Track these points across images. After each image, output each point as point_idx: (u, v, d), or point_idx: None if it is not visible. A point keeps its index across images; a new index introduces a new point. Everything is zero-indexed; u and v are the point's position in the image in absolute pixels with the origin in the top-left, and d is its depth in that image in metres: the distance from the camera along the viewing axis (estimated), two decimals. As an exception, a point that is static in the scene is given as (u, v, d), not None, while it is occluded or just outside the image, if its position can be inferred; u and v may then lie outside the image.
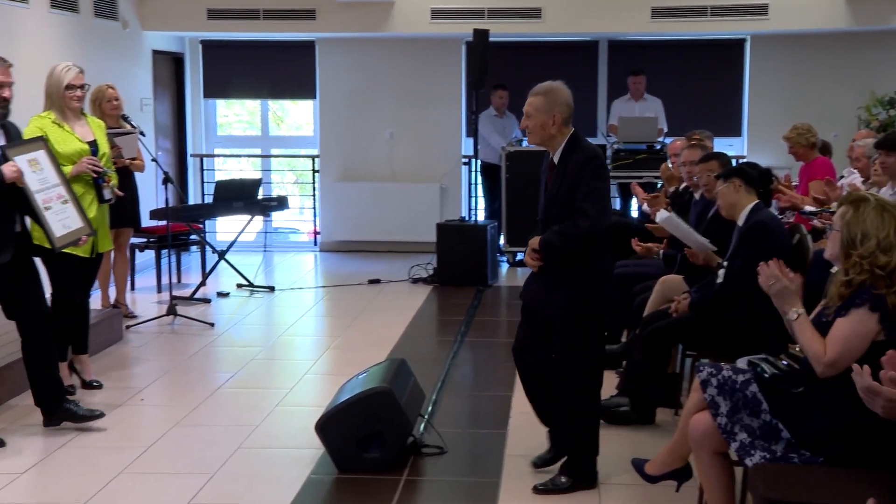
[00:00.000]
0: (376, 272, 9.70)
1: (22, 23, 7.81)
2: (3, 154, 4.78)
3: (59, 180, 5.07)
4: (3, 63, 4.87)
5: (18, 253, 4.89)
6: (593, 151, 4.23)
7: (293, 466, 4.62)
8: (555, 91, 4.30)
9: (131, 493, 4.33)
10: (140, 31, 10.11)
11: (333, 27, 10.43)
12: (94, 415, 5.07)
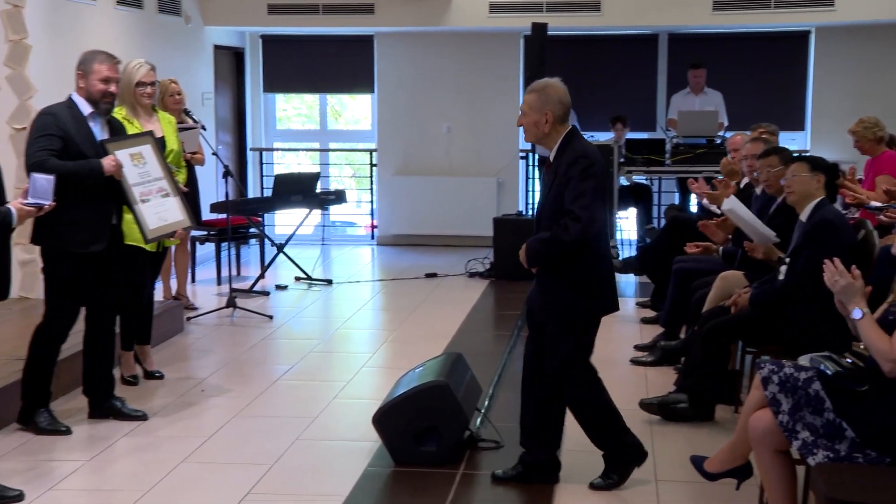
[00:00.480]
0: (433, 266, 9.72)
1: (89, 19, 7.95)
2: (104, 148, 4.88)
3: (163, 174, 5.19)
4: (110, 59, 4.95)
5: (113, 245, 4.98)
6: (582, 150, 4.09)
7: (350, 458, 4.65)
8: (548, 88, 4.15)
9: (192, 482, 4.40)
10: (202, 26, 10.24)
11: (392, 21, 10.46)
12: (137, 415, 5.15)
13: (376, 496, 4.36)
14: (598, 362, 6.25)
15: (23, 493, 4.17)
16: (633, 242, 10.60)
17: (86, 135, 4.85)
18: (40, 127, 4.77)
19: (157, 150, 5.24)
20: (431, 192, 11.09)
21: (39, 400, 4.95)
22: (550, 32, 9.43)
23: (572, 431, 5.01)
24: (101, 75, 4.85)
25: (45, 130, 4.74)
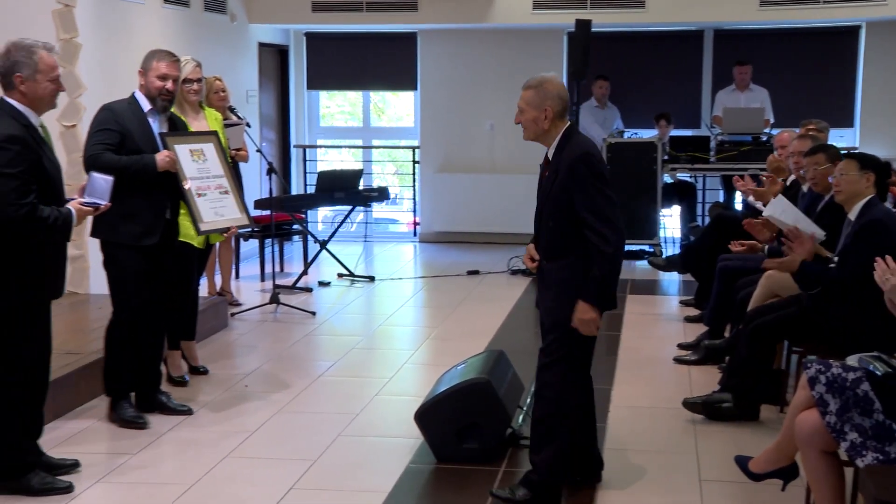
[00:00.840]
0: (475, 263, 9.71)
1: (137, 18, 8.05)
2: (164, 141, 4.94)
3: (223, 173, 5.27)
4: (169, 57, 5.00)
5: (167, 239, 5.03)
6: (583, 148, 3.97)
7: (393, 455, 4.66)
8: (546, 84, 4.02)
9: (236, 476, 4.44)
10: (247, 24, 10.32)
11: (435, 19, 10.46)
12: (182, 410, 5.19)
13: (418, 493, 4.37)
14: (642, 361, 6.30)
15: (72, 485, 4.24)
16: (676, 240, 10.52)
17: (145, 131, 4.91)
18: (99, 122, 4.85)
19: (220, 151, 5.32)
20: (474, 189, 11.08)
21: (121, 393, 5.04)
22: (594, 29, 9.39)
23: (615, 430, 4.99)
24: (159, 72, 4.91)
25: (103, 125, 4.83)
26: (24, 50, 4.02)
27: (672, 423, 5.11)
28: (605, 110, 10.54)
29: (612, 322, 7.48)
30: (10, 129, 3.93)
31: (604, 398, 5.52)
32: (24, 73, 4.00)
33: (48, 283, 4.13)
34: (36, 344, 4.15)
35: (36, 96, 4.04)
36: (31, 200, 3.91)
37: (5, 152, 3.89)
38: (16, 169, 3.89)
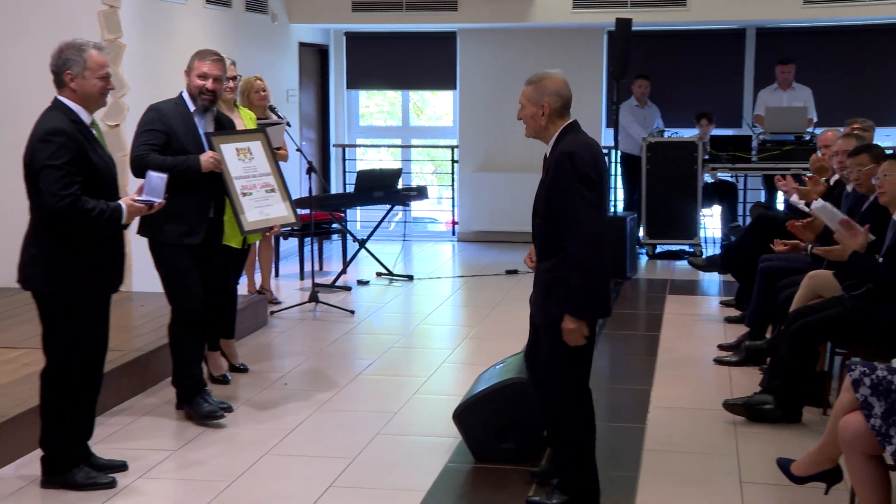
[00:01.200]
0: (514, 263, 9.69)
1: (179, 18, 8.12)
2: (209, 140, 4.97)
3: (270, 171, 5.27)
4: (211, 55, 5.03)
5: (211, 239, 5.06)
6: (570, 147, 3.84)
7: (431, 454, 4.67)
8: (546, 80, 3.93)
9: (275, 474, 4.46)
10: (287, 24, 10.38)
11: (475, 18, 10.46)
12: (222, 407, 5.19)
13: (456, 492, 4.37)
14: (682, 361, 6.25)
15: (115, 480, 4.28)
16: (716, 240, 10.44)
17: (190, 131, 4.95)
18: (144, 123, 4.91)
19: (267, 148, 5.32)
20: (512, 188, 11.05)
21: (194, 389, 5.09)
22: (635, 28, 9.34)
23: (654, 431, 4.96)
24: (199, 71, 4.95)
25: (149, 126, 4.88)
26: (75, 49, 4.10)
27: (712, 424, 5.07)
28: (645, 109, 10.48)
29: (651, 322, 7.44)
30: (55, 123, 4.01)
31: (643, 399, 5.49)
32: (74, 70, 4.07)
33: (104, 276, 4.17)
34: (92, 338, 4.20)
35: (85, 93, 4.10)
36: (74, 192, 3.95)
37: (49, 145, 3.96)
38: (59, 161, 3.95)
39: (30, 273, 4.10)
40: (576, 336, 3.83)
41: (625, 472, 4.47)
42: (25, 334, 5.99)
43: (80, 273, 4.06)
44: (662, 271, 9.53)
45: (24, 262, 4.13)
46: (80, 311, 4.11)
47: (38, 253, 4.07)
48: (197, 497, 4.19)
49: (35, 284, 4.10)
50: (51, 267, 4.05)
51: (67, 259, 4.04)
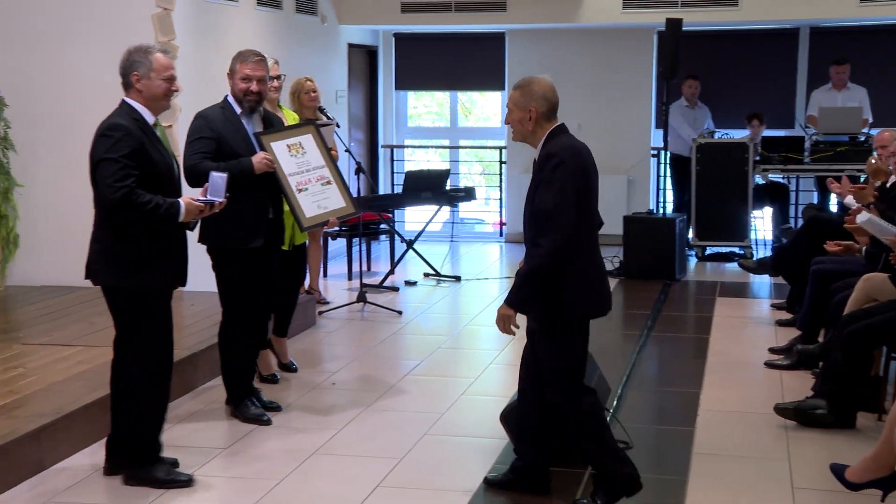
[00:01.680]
0: (561, 264, 9.65)
1: (231, 19, 8.21)
2: (259, 140, 4.97)
3: (324, 162, 5.23)
4: (253, 57, 5.00)
5: (270, 240, 5.06)
6: (552, 149, 3.84)
7: (478, 455, 4.66)
8: (533, 84, 3.92)
9: (323, 473, 4.49)
10: (337, 25, 10.44)
11: (524, 19, 10.44)
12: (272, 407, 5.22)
13: (503, 494, 4.35)
14: (732, 364, 6.18)
15: (192, 477, 4.34)
16: (767, 242, 10.31)
17: (239, 133, 4.95)
18: (193, 131, 4.92)
19: (318, 140, 5.26)
20: (561, 189, 11.00)
21: (243, 392, 5.14)
22: (685, 28, 9.26)
23: (704, 435, 4.91)
24: (241, 74, 4.96)
25: (198, 134, 4.88)
26: (142, 51, 4.18)
27: (763, 428, 5.01)
28: (695, 110, 10.38)
29: (700, 324, 7.37)
30: (115, 119, 4.10)
31: (692, 402, 5.44)
32: (140, 72, 4.15)
33: (164, 272, 4.21)
34: (161, 334, 4.26)
35: (151, 94, 4.17)
36: (129, 184, 4.00)
37: (108, 139, 4.04)
38: (117, 154, 4.01)
39: (95, 268, 4.19)
40: (502, 322, 3.87)
41: (673, 475, 4.43)
42: (79, 332, 6.10)
43: (139, 267, 4.12)
44: (712, 273, 9.43)
45: (90, 257, 4.22)
46: (143, 306, 4.17)
47: (101, 248, 4.16)
48: (245, 496, 4.22)
49: (100, 279, 4.20)
50: (112, 261, 4.13)
51: (126, 253, 4.11)
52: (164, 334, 4.29)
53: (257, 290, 5.08)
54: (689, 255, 9.85)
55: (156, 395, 4.30)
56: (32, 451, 4.35)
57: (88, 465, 4.49)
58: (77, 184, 7.44)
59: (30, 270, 7.59)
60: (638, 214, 9.54)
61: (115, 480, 4.34)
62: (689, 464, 4.54)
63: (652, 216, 9.45)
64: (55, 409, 4.63)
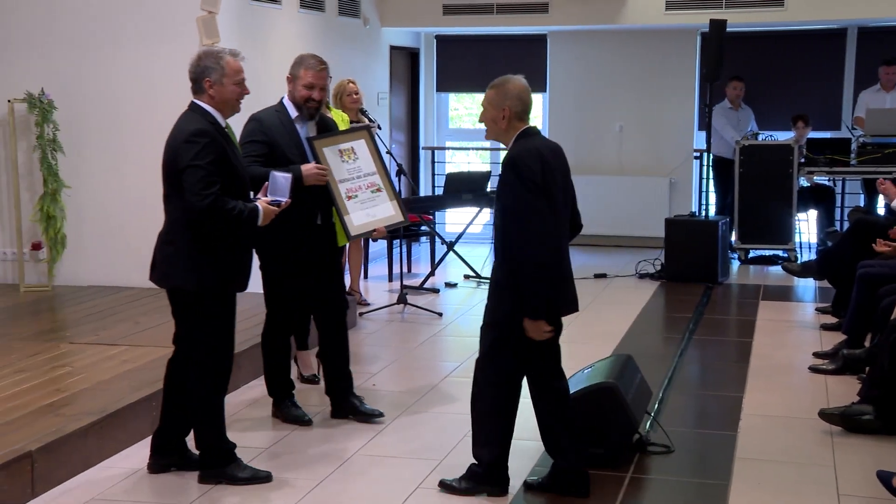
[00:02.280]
0: (602, 266, 9.62)
1: (274, 22, 8.27)
2: (311, 145, 4.92)
3: (376, 169, 5.14)
4: (318, 65, 4.91)
5: (321, 246, 5.02)
6: (517, 151, 3.93)
7: (519, 457, 4.64)
8: (508, 84, 4.01)
9: (364, 474, 4.50)
10: (379, 27, 10.48)
11: (566, 20, 10.41)
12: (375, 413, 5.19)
13: (543, 496, 4.34)
14: (775, 369, 6.12)
15: (271, 474, 4.39)
16: (812, 245, 10.18)
17: (292, 138, 4.89)
18: (246, 134, 4.88)
19: (371, 145, 5.18)
20: (602, 191, 10.97)
21: (283, 393, 5.17)
22: (729, 29, 9.18)
23: (747, 439, 4.86)
24: (305, 81, 4.87)
25: (250, 137, 4.85)
26: (213, 56, 4.22)
27: (808, 434, 4.95)
28: (738, 112, 10.28)
29: (743, 328, 7.30)
30: (199, 125, 4.13)
31: (734, 406, 5.39)
32: (213, 77, 4.19)
33: (235, 275, 4.26)
34: (225, 337, 4.31)
35: (223, 99, 4.21)
36: (215, 191, 4.04)
37: (193, 145, 4.06)
38: (203, 161, 4.05)
39: (167, 271, 4.22)
40: (535, 334, 3.98)
41: (715, 479, 4.39)
42: (124, 332, 6.18)
43: (215, 271, 4.17)
44: (755, 277, 9.33)
45: (159, 259, 4.25)
46: (212, 308, 4.21)
47: (174, 251, 4.18)
48: (286, 496, 4.25)
49: (172, 282, 4.22)
50: (188, 265, 4.15)
51: (204, 257, 4.15)
52: (227, 336, 4.33)
53: (302, 294, 5.08)
54: (732, 258, 9.76)
55: (217, 395, 4.33)
56: (79, 449, 4.42)
57: (133, 463, 4.55)
58: (123, 185, 7.59)
59: (77, 270, 7.71)
60: (680, 217, 9.47)
61: (158, 477, 4.39)
62: (732, 468, 4.50)
63: (694, 218, 9.37)
64: (101, 408, 4.69)
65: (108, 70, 7.56)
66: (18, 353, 5.69)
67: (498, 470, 4.22)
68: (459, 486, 4.23)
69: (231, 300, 4.32)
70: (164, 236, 4.25)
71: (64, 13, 7.59)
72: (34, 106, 7.35)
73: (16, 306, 7.06)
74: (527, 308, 3.93)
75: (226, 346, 4.32)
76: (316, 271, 5.04)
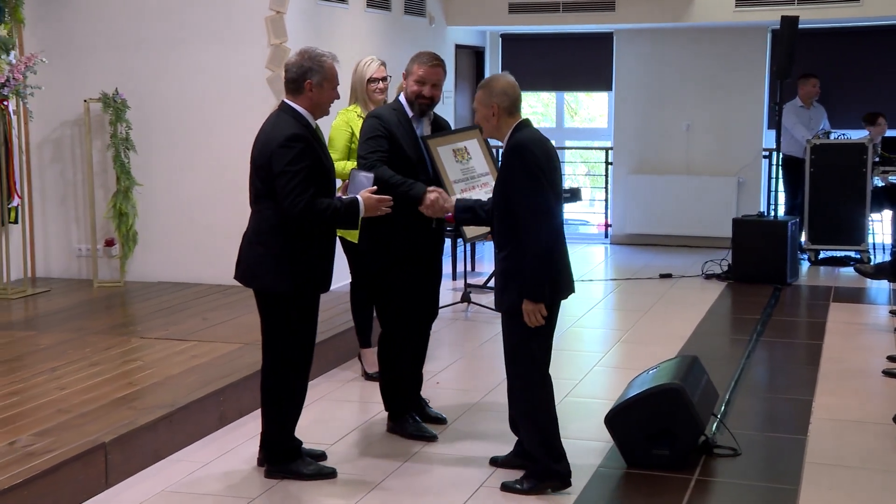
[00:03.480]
0: (668, 266, 9.52)
1: (341, 21, 8.34)
2: (425, 144, 4.84)
3: (489, 169, 5.04)
4: (430, 60, 4.83)
5: (431, 249, 4.93)
6: (519, 140, 4.09)
7: (582, 457, 4.63)
8: (493, 81, 4.19)
9: (428, 472, 4.52)
10: (445, 26, 10.50)
11: (633, 18, 10.32)
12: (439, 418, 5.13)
13: (607, 497, 4.32)
14: (847, 372, 6.00)
15: (335, 470, 4.43)
16: (886, 247, 9.95)
17: (410, 136, 4.83)
18: (366, 130, 4.81)
19: (483, 144, 5.11)
20: (668, 190, 10.87)
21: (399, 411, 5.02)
22: (801, 26, 9.01)
23: (817, 443, 4.77)
24: (416, 76, 4.81)
25: (372, 133, 4.77)
26: (314, 59, 4.24)
27: (881, 439, 4.84)
28: (810, 110, 10.09)
29: (813, 330, 7.17)
30: (292, 129, 4.16)
31: (804, 409, 5.30)
32: (315, 79, 4.22)
33: (320, 276, 4.30)
34: (306, 335, 4.35)
35: (319, 102, 4.26)
36: (309, 195, 4.09)
37: (289, 150, 4.10)
38: (297, 166, 4.10)
39: (256, 272, 4.25)
40: (531, 317, 4.09)
41: (784, 484, 4.32)
42: (193, 328, 6.29)
43: (303, 275, 4.21)
44: (826, 278, 9.16)
45: (248, 260, 4.28)
46: (297, 310, 4.26)
47: (265, 252, 4.22)
48: (350, 493, 4.28)
49: (261, 282, 4.26)
50: (278, 268, 4.19)
51: (294, 261, 4.19)
52: (308, 337, 4.37)
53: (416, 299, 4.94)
54: (802, 259, 9.59)
55: (287, 392, 4.38)
56: (150, 442, 4.51)
57: (201, 456, 4.63)
58: (192, 183, 7.73)
59: (147, 266, 7.87)
60: (748, 217, 9.33)
61: (225, 471, 4.46)
62: (801, 473, 4.42)
63: (763, 219, 9.23)
64: (171, 402, 4.78)
65: (178, 69, 7.70)
66: (92, 347, 5.82)
67: (556, 463, 4.23)
68: (522, 487, 4.24)
69: (315, 301, 4.36)
70: (254, 236, 4.27)
71: (137, 15, 7.75)
72: (108, 105, 7.52)
73: (90, 301, 7.23)
74: (528, 291, 4.05)
75: (305, 346, 4.36)
76: (422, 272, 4.95)
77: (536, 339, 4.21)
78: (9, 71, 6.99)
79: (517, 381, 4.28)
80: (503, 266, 4.17)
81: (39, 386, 5.05)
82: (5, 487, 3.73)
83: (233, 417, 5.09)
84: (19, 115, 7.40)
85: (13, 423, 4.48)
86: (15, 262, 7.66)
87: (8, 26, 7.22)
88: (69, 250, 8.06)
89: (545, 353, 4.30)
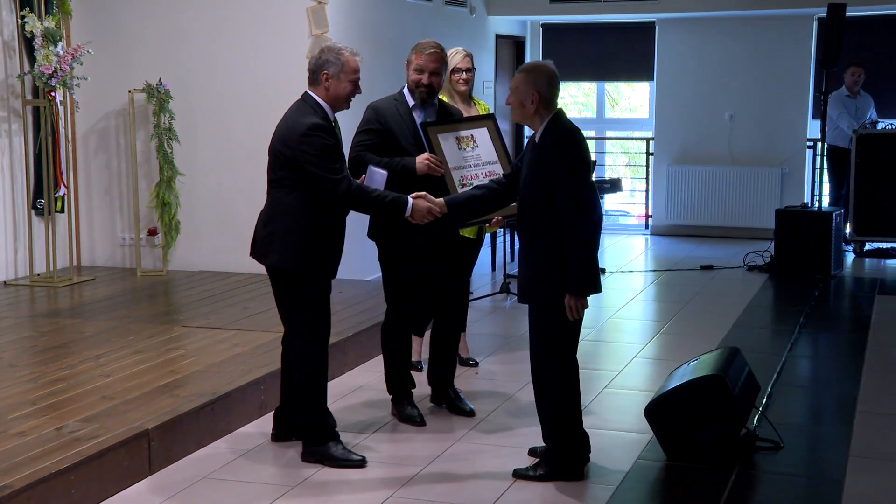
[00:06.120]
0: (709, 258, 9.45)
1: (381, 12, 8.32)
2: (425, 132, 4.84)
3: (497, 158, 5.02)
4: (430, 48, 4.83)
5: (436, 237, 4.91)
6: (565, 133, 4.09)
7: (621, 449, 4.62)
8: (537, 70, 4.16)
9: (467, 461, 4.52)
10: (485, 16, 10.48)
11: (676, 7, 10.24)
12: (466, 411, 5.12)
13: (647, 489, 4.31)
14: (893, 365, 5.92)
15: (365, 458, 4.44)
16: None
17: (408, 127, 4.85)
18: (362, 122, 4.88)
19: (495, 135, 5.06)
20: (710, 181, 10.78)
21: (400, 392, 5.09)
22: (849, 14, 8.88)
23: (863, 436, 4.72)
24: (415, 65, 4.84)
25: (365, 125, 4.85)
26: (333, 51, 4.30)
27: (927, 436, 4.78)
28: (856, 99, 9.94)
29: (858, 323, 7.08)
30: (314, 118, 4.24)
31: (848, 402, 5.24)
32: (331, 71, 4.27)
33: (330, 259, 4.37)
34: (321, 317, 4.40)
35: (336, 94, 4.30)
36: (347, 175, 4.23)
37: (313, 139, 4.19)
38: (325, 150, 4.18)
39: (264, 250, 4.36)
40: (576, 311, 4.11)
41: (828, 476, 4.28)
42: (234, 316, 6.35)
43: (308, 253, 4.28)
44: (871, 270, 9.04)
45: (260, 239, 4.38)
46: (307, 289, 4.32)
47: (273, 231, 4.31)
48: (391, 480, 4.30)
49: (269, 260, 4.35)
50: (285, 246, 4.28)
51: (299, 240, 4.26)
52: (324, 318, 4.41)
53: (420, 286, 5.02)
54: (846, 251, 9.47)
55: (317, 374, 4.42)
56: (192, 429, 4.56)
57: (242, 444, 4.67)
58: (233, 173, 7.79)
59: (189, 256, 7.95)
60: (792, 208, 9.22)
61: (265, 459, 4.50)
62: (846, 466, 4.37)
63: (807, 210, 9.12)
64: (213, 390, 4.83)
65: (221, 60, 7.76)
66: (136, 335, 5.90)
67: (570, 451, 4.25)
68: (535, 474, 4.25)
69: (325, 284, 4.41)
70: (266, 217, 4.37)
71: (181, 6, 7.81)
72: (152, 96, 7.59)
73: (133, 290, 7.32)
74: (574, 285, 4.04)
75: (322, 327, 4.40)
76: (441, 262, 4.98)
77: (568, 331, 4.21)
78: (56, 62, 7.08)
79: (543, 370, 4.26)
80: (540, 258, 4.13)
81: (85, 373, 5.12)
82: (53, 472, 3.79)
83: (273, 406, 5.10)
84: (66, 106, 7.50)
85: (60, 408, 4.56)
86: (61, 251, 7.78)
87: (56, 18, 7.31)
88: (113, 239, 8.17)
89: (575, 341, 4.29)
